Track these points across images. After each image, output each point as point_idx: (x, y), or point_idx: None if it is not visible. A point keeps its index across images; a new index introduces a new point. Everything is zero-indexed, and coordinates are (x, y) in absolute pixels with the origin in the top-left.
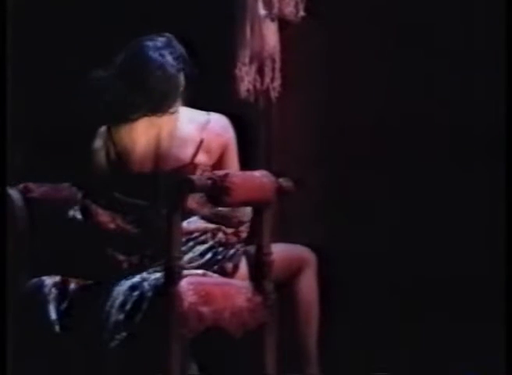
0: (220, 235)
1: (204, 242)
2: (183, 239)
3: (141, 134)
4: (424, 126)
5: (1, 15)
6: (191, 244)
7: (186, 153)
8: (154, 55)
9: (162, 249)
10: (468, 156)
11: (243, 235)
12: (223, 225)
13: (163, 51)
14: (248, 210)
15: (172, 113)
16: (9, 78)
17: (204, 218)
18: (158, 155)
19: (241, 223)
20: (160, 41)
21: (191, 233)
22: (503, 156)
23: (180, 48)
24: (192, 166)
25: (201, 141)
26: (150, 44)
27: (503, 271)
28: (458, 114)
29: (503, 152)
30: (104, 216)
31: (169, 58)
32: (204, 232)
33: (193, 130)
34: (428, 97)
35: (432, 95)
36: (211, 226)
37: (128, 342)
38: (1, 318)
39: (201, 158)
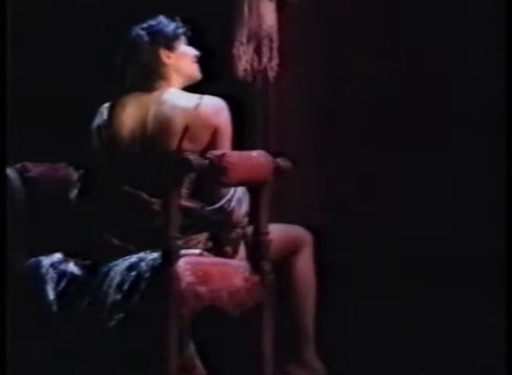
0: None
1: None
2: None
3: (129, 116)
4: (423, 102)
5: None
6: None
7: (171, 140)
8: (129, 34)
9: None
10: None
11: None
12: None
13: (138, 28)
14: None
15: (158, 90)
16: (9, 57)
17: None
18: (145, 139)
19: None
20: (147, 22)
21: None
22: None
23: (160, 24)
24: (178, 152)
25: (186, 129)
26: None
27: (503, 256)
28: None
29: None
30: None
31: (142, 34)
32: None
33: (179, 115)
34: (428, 73)
35: (431, 72)
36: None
37: (126, 322)
38: (1, 298)
39: (187, 145)
